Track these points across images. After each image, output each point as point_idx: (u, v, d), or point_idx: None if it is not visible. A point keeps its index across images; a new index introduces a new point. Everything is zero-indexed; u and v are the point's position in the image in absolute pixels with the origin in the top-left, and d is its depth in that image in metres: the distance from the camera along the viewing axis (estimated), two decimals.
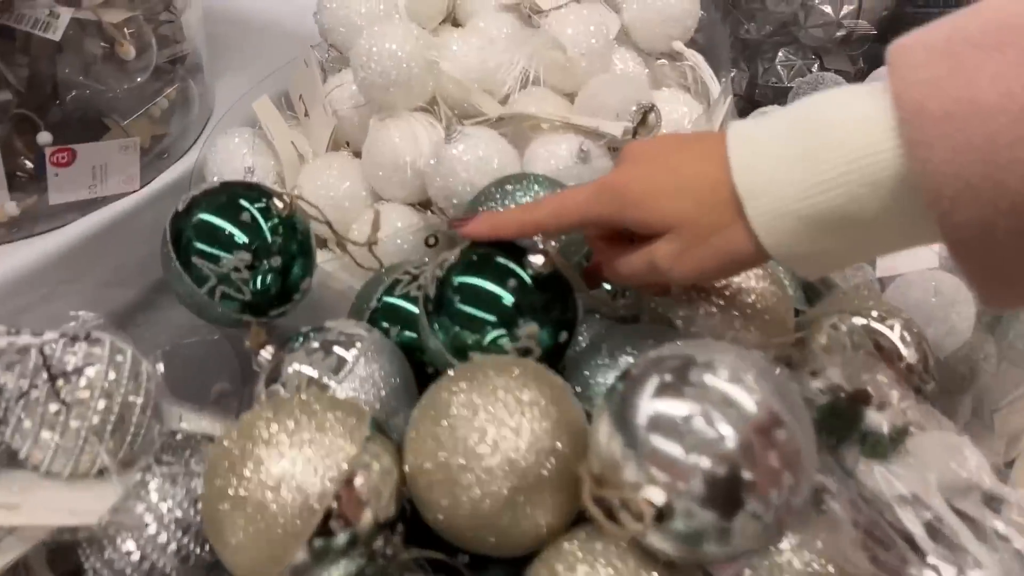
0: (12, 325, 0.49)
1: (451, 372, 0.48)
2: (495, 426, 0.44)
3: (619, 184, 0.49)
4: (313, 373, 0.53)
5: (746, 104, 1.11)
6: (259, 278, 0.58)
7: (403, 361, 0.56)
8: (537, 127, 0.74)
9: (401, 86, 0.71)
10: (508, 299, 0.53)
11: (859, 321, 0.60)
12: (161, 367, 0.58)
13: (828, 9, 1.05)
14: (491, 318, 0.52)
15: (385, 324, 0.61)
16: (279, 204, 0.59)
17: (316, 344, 0.54)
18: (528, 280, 0.53)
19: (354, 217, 0.75)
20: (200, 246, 0.58)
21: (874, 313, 0.60)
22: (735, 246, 0.46)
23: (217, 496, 0.43)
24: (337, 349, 0.54)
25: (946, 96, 0.38)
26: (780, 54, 1.11)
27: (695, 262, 0.47)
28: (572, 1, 0.82)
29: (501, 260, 0.54)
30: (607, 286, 0.61)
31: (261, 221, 0.59)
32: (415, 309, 0.60)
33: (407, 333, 0.60)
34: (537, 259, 0.53)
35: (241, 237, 0.58)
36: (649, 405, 0.40)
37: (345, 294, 0.67)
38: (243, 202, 0.59)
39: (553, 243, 0.53)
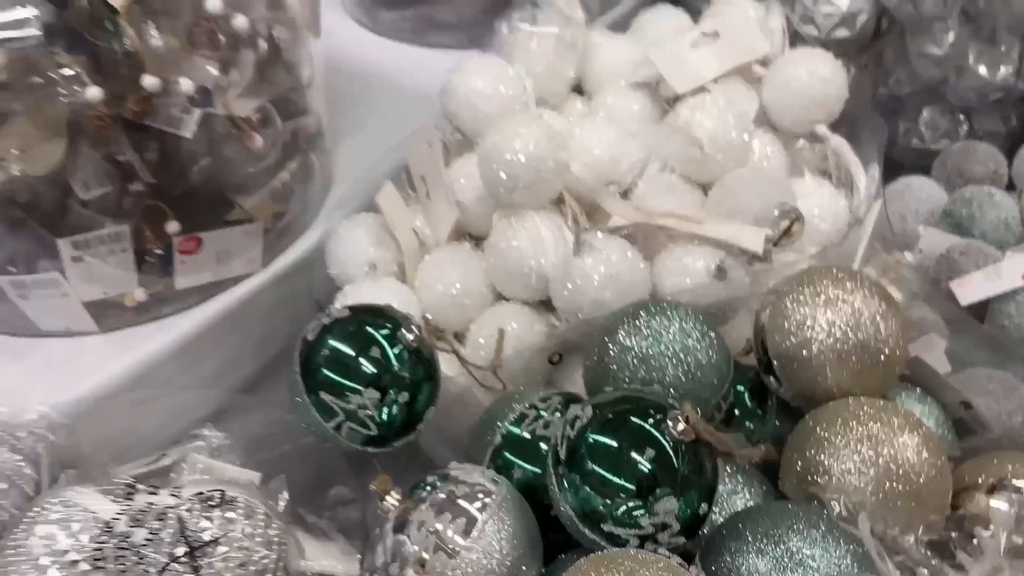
0: (153, 476, 0.49)
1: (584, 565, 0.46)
2: None
3: None
4: (440, 529, 0.51)
5: (884, 165, 1.03)
6: (385, 411, 0.57)
7: (531, 518, 0.54)
8: (668, 231, 0.70)
9: (529, 188, 0.69)
10: (645, 467, 0.50)
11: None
12: (286, 494, 0.58)
13: (984, 71, 0.96)
14: (626, 485, 0.50)
15: (510, 456, 0.59)
16: (409, 336, 0.57)
17: (443, 495, 0.53)
18: (668, 448, 0.50)
19: (474, 315, 0.73)
20: (329, 379, 0.57)
21: None
22: None
23: None
24: (464, 504, 0.52)
25: None
26: (925, 113, 1.03)
27: None
28: (708, 86, 0.78)
29: (638, 423, 0.51)
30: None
31: (390, 352, 0.58)
32: (542, 445, 0.58)
33: (531, 468, 0.58)
34: (678, 426, 0.50)
35: (370, 369, 0.57)
36: None
37: (469, 400, 0.66)
38: (373, 331, 0.58)
39: (692, 409, 0.50)
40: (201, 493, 0.47)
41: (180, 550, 0.45)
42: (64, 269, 0.71)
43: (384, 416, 0.57)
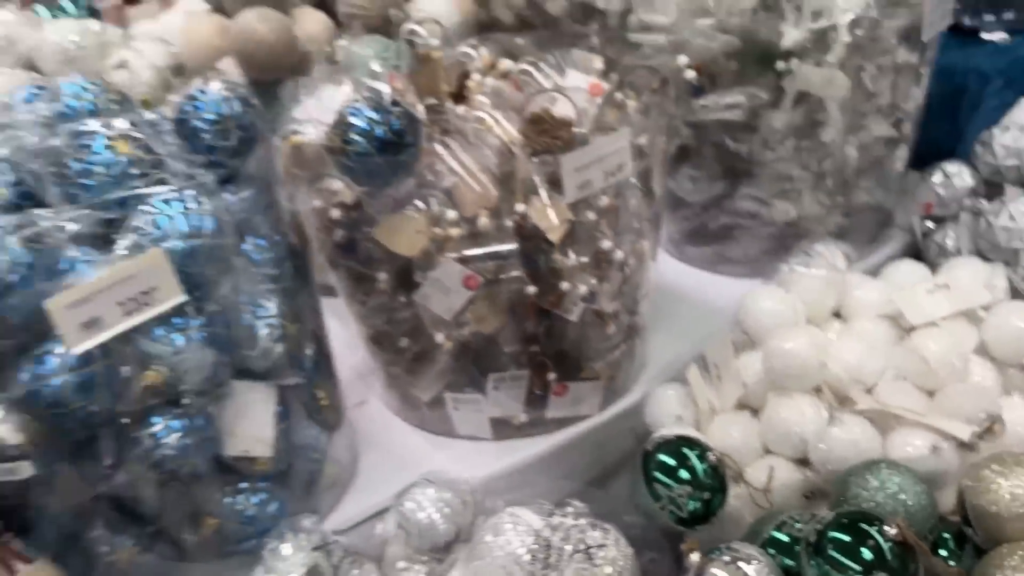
0: (550, 503, 0.85)
1: None
2: None
3: None
4: None
5: None
6: (692, 503, 0.89)
7: None
8: (899, 418, 0.99)
9: (797, 378, 1.01)
10: (867, 555, 0.77)
11: None
12: None
13: None
14: (854, 567, 0.77)
15: (772, 551, 0.88)
16: (712, 457, 0.90)
17: (727, 558, 0.83)
18: (883, 544, 0.77)
19: (748, 462, 1.04)
20: (658, 476, 0.90)
21: None
22: None
23: None
24: (742, 564, 0.82)
25: None
26: None
27: None
28: (938, 322, 1.07)
29: (864, 527, 0.79)
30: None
31: (698, 465, 0.90)
32: (796, 546, 0.87)
33: (787, 561, 0.87)
34: (891, 530, 0.78)
35: (685, 475, 0.90)
36: None
37: (741, 521, 0.96)
38: (687, 450, 0.91)
39: (904, 520, 0.78)
40: (590, 518, 0.82)
41: (581, 547, 0.79)
42: (486, 394, 1.12)
43: (690, 506, 0.89)
